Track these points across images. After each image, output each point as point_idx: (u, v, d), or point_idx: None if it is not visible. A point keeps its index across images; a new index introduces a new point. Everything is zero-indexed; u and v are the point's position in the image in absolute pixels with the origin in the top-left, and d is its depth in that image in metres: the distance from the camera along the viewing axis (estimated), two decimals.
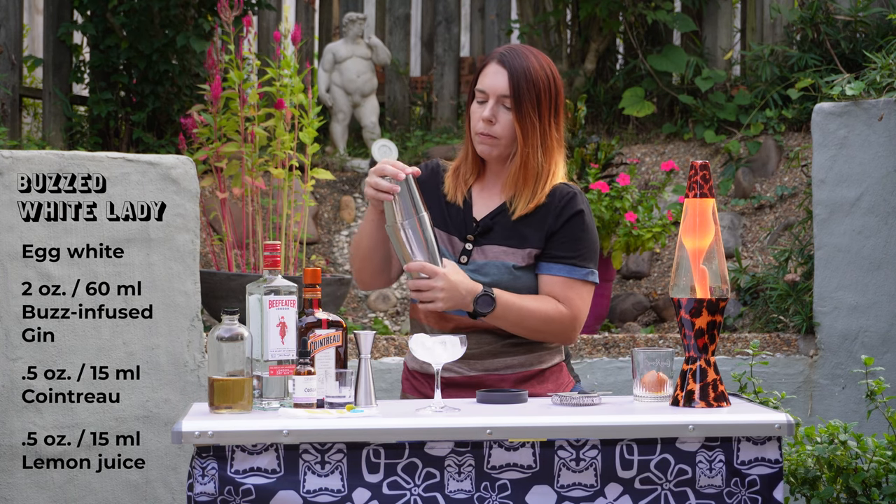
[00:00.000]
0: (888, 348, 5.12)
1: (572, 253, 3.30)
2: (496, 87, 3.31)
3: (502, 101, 3.31)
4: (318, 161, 6.91)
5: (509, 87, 3.29)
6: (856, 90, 5.23)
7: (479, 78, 3.34)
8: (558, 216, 3.32)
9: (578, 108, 5.91)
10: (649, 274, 6.37)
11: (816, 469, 3.74)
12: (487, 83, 3.32)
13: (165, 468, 4.66)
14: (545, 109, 3.31)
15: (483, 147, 3.35)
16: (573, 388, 3.40)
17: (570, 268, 3.30)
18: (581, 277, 3.30)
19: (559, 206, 3.32)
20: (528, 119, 3.30)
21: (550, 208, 3.32)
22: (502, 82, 3.30)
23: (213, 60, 5.76)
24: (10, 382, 4.54)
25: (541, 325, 3.28)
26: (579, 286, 3.31)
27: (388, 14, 7.78)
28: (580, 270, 3.30)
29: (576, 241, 3.31)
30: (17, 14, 6.94)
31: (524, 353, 3.35)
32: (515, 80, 3.29)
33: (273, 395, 3.02)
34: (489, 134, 3.32)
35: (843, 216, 5.19)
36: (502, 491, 2.88)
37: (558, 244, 3.30)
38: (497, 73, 3.32)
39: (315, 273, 3.13)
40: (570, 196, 3.34)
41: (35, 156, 4.58)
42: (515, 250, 3.31)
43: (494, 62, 3.33)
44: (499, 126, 3.32)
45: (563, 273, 3.30)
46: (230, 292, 5.34)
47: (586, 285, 3.32)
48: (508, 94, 3.30)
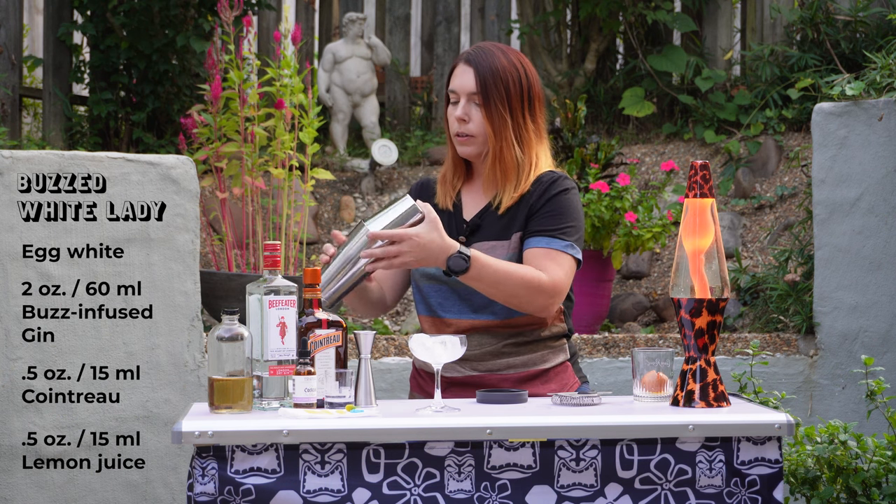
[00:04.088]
0: (888, 348, 5.12)
1: (552, 226, 3.30)
2: (465, 86, 3.36)
3: (472, 99, 3.36)
4: (318, 161, 6.91)
5: (476, 84, 3.34)
6: (856, 90, 5.23)
7: (450, 80, 3.41)
8: (541, 196, 3.33)
9: (578, 108, 5.91)
10: (649, 274, 6.37)
11: (816, 469, 3.74)
12: (457, 83, 3.38)
13: (165, 468, 4.66)
14: (516, 102, 3.35)
15: (462, 148, 3.39)
16: (579, 388, 3.40)
17: (549, 239, 3.29)
18: (561, 248, 3.28)
19: (542, 188, 3.34)
20: (496, 114, 3.33)
21: (534, 193, 3.35)
22: (469, 80, 3.35)
23: (213, 60, 5.76)
24: (10, 382, 4.54)
25: (518, 288, 3.24)
26: (560, 256, 3.29)
27: (388, 14, 7.78)
28: (560, 242, 3.29)
29: (557, 215, 3.31)
30: (17, 14, 6.94)
31: (526, 353, 3.35)
32: (482, 77, 3.33)
33: (273, 395, 3.02)
34: (465, 133, 3.36)
35: (843, 216, 5.19)
36: (502, 491, 2.88)
37: (539, 219, 3.32)
38: (464, 72, 3.37)
39: (315, 273, 3.13)
40: (552, 179, 3.36)
41: (35, 156, 4.58)
42: (502, 242, 3.32)
43: (462, 62, 3.39)
44: (472, 124, 3.36)
45: (542, 244, 3.29)
46: (230, 292, 5.34)
47: (566, 257, 3.29)
48: (476, 90, 3.34)
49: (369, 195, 6.91)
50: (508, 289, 3.24)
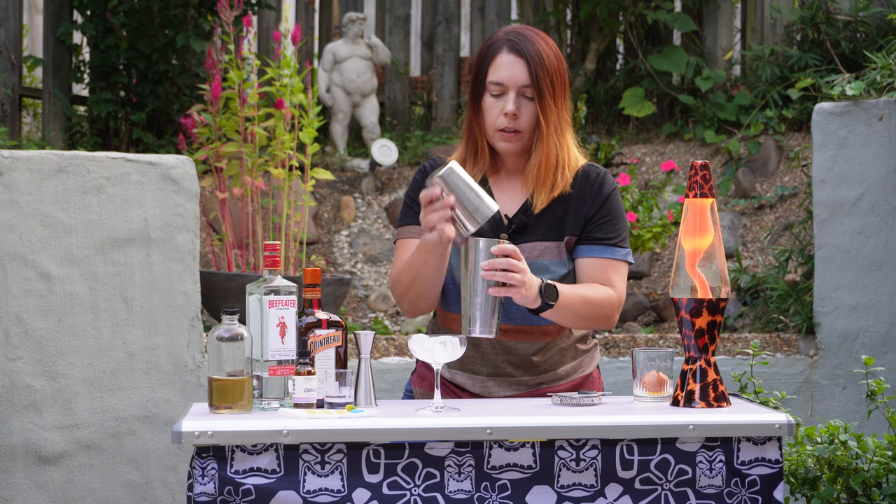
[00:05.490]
0: (888, 348, 5.12)
1: (611, 234, 3.23)
2: (516, 79, 3.14)
3: (523, 92, 3.15)
4: (318, 161, 6.91)
5: (529, 76, 3.13)
6: (856, 90, 5.23)
7: (491, 69, 3.16)
8: (595, 198, 3.22)
9: (579, 108, 5.91)
10: (649, 274, 6.37)
11: (817, 469, 3.73)
12: (504, 75, 3.14)
13: (165, 468, 4.66)
14: (559, 93, 3.18)
15: (507, 144, 3.20)
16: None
17: (611, 249, 3.22)
18: (621, 258, 3.24)
19: (594, 188, 3.23)
20: (549, 108, 3.16)
21: (585, 191, 3.23)
22: (521, 73, 3.14)
23: (213, 60, 5.76)
24: (10, 382, 4.54)
25: (594, 311, 3.16)
26: (621, 267, 3.24)
27: (388, 14, 7.78)
28: (620, 251, 3.23)
29: (612, 220, 3.23)
30: (17, 14, 6.94)
31: (569, 361, 3.32)
32: (534, 69, 3.13)
33: (273, 396, 3.02)
34: (514, 129, 3.17)
35: (844, 216, 5.19)
36: (502, 491, 2.88)
37: (597, 226, 3.22)
38: (513, 63, 3.14)
39: (315, 273, 3.13)
40: (601, 177, 3.25)
41: (35, 156, 4.58)
42: (554, 243, 3.22)
43: (506, 51, 3.15)
44: (522, 119, 3.16)
45: (606, 255, 3.22)
46: (230, 292, 5.34)
47: (625, 266, 3.26)
48: (529, 83, 3.14)
49: (369, 195, 6.91)
50: (586, 312, 3.16)
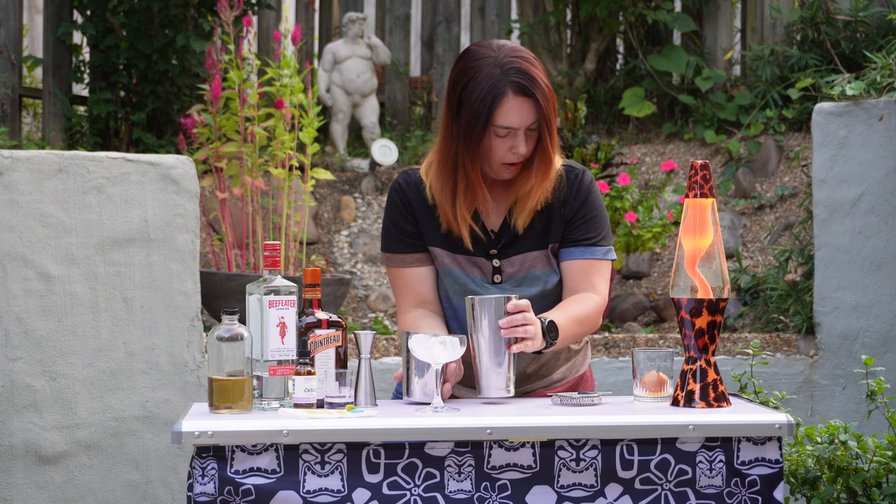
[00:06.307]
0: (888, 348, 5.12)
1: (590, 234, 3.24)
2: (525, 121, 3.14)
3: (530, 127, 3.15)
4: (318, 161, 6.91)
5: (537, 114, 3.14)
6: (856, 90, 5.23)
7: (499, 114, 3.11)
8: (574, 200, 3.24)
9: (578, 108, 5.91)
10: (649, 274, 6.37)
11: (817, 469, 3.73)
12: (514, 119, 3.12)
13: (165, 468, 4.66)
14: (555, 115, 3.19)
15: (507, 174, 3.21)
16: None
17: (591, 249, 3.24)
18: (601, 257, 3.25)
19: (573, 190, 3.24)
20: (551, 135, 3.17)
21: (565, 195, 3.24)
22: (531, 112, 3.13)
23: (213, 60, 5.76)
24: (10, 382, 4.54)
25: (585, 327, 3.22)
26: (602, 266, 3.25)
27: (388, 14, 7.78)
28: (599, 250, 3.24)
29: (592, 220, 3.24)
30: (17, 14, 6.94)
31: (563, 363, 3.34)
32: (542, 108, 3.13)
33: (273, 396, 3.02)
34: (518, 162, 3.19)
35: (844, 216, 5.19)
36: (502, 491, 2.88)
37: (576, 227, 3.23)
38: (522, 105, 3.12)
39: (315, 273, 3.13)
40: (580, 178, 3.25)
41: (35, 156, 4.58)
42: (542, 252, 3.24)
43: (512, 94, 3.12)
44: (527, 151, 3.18)
45: (586, 255, 3.23)
46: (230, 292, 5.34)
47: (606, 264, 3.27)
48: (536, 119, 3.14)
49: (369, 195, 6.91)
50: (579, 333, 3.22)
